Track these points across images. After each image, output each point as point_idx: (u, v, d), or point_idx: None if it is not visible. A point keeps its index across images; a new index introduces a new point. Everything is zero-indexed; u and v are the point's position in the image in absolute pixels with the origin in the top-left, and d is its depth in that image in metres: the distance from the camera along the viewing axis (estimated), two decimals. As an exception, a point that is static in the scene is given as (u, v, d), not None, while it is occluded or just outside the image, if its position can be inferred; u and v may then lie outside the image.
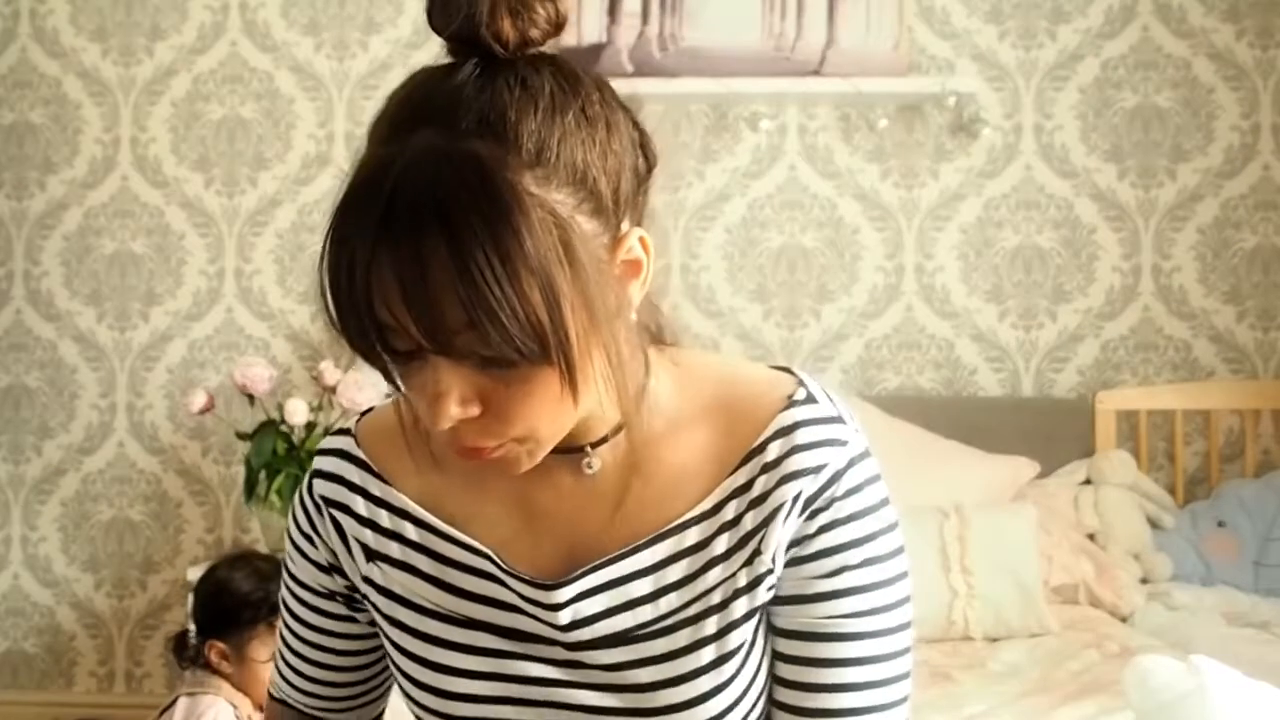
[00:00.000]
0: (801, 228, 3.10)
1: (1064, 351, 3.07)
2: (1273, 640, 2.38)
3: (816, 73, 3.02)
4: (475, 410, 0.73)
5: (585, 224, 0.72)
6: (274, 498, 2.79)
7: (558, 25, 0.75)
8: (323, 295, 0.71)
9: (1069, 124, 3.07)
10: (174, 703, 2.01)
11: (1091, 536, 2.79)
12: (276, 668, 1.00)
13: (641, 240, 0.77)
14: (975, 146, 3.07)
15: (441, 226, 0.67)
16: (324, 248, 0.70)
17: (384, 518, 0.89)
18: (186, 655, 2.05)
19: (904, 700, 0.83)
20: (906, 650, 0.83)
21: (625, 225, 0.77)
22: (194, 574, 2.34)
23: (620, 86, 0.80)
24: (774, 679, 0.84)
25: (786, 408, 0.83)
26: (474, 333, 0.69)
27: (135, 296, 3.21)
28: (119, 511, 3.21)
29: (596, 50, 3.02)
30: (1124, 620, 2.58)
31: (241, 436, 2.90)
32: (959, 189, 3.08)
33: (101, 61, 3.22)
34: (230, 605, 2.03)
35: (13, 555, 3.24)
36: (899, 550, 0.83)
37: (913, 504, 2.54)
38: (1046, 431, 2.93)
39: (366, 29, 3.18)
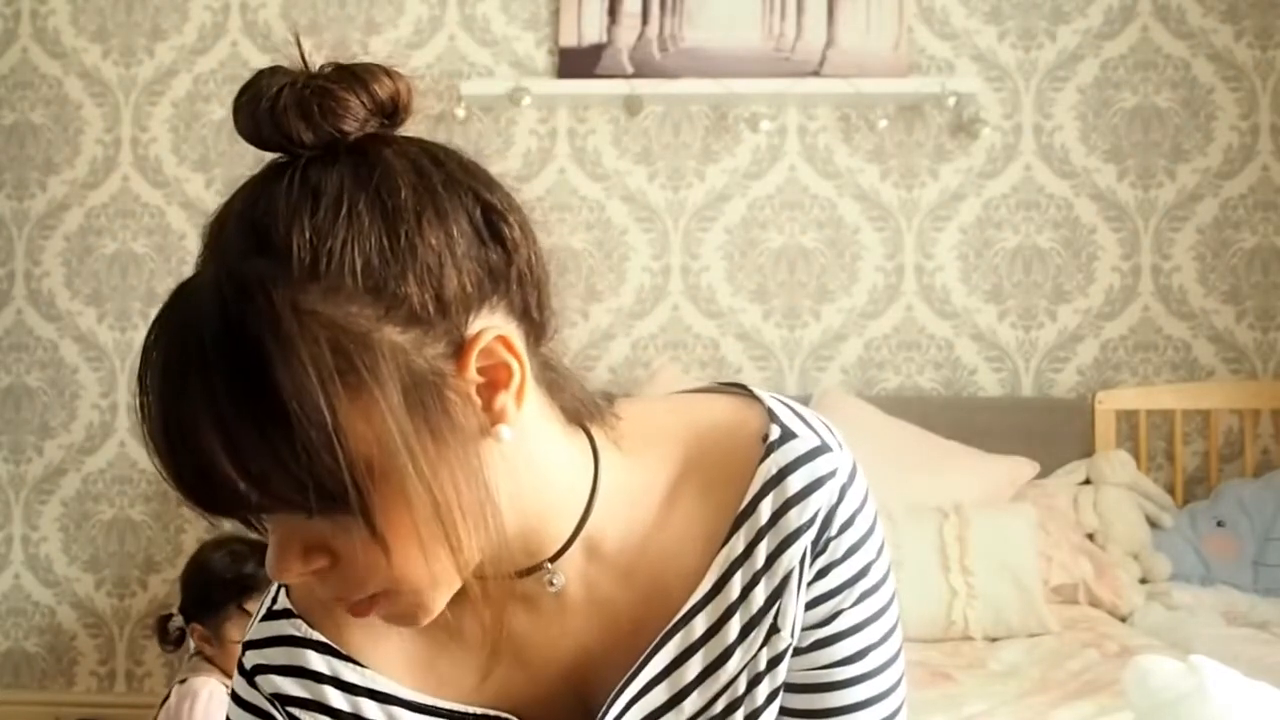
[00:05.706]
0: (801, 228, 3.10)
1: (1064, 351, 3.07)
2: (1272, 640, 2.38)
3: (816, 73, 3.02)
4: (322, 562, 0.64)
5: (396, 336, 0.61)
6: (274, 497, 2.79)
7: (381, 107, 0.65)
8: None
9: (1069, 124, 3.07)
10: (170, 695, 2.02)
11: (1091, 536, 2.79)
12: None
13: (503, 340, 0.65)
14: (975, 147, 3.07)
15: (200, 374, 0.58)
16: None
17: (369, 708, 0.75)
18: (169, 639, 2.07)
19: (901, 708, 0.82)
20: (902, 672, 0.81)
21: (475, 327, 0.64)
22: (195, 574, 2.35)
23: (620, 87, 0.77)
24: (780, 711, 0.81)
25: (765, 456, 0.74)
26: (253, 486, 0.59)
27: (136, 296, 3.21)
28: (120, 511, 3.21)
29: (597, 50, 3.02)
30: (1123, 620, 2.58)
31: (242, 436, 2.90)
32: (959, 189, 3.08)
33: (102, 62, 3.23)
34: (204, 585, 2.05)
35: (14, 555, 3.24)
36: (888, 574, 0.79)
37: (913, 504, 2.55)
38: (1046, 431, 2.93)
39: (367, 30, 3.18)
